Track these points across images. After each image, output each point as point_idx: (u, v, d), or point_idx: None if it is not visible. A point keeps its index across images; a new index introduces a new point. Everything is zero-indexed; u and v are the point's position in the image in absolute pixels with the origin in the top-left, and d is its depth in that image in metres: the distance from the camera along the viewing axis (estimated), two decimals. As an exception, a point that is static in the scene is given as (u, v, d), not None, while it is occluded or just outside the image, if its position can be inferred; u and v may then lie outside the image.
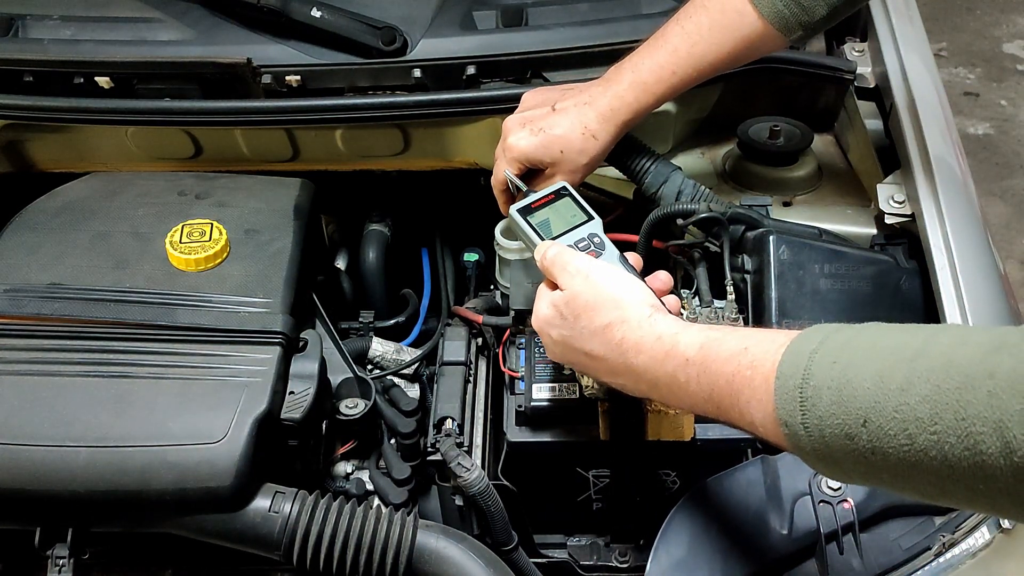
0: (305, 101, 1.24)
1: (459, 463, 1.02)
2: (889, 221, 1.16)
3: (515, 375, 1.06)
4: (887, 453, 0.60)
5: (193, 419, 0.93)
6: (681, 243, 1.13)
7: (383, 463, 1.13)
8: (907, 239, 1.15)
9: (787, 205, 1.27)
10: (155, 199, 1.19)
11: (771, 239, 1.07)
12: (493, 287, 1.27)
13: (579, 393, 1.00)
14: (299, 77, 1.26)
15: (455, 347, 1.17)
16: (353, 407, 1.10)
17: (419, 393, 1.26)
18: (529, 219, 0.97)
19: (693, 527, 0.94)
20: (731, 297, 1.07)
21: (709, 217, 1.08)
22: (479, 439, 1.12)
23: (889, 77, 1.29)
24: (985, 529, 0.90)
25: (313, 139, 1.30)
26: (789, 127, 1.31)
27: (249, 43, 1.26)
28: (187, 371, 0.97)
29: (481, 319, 1.18)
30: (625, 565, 1.11)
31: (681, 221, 1.10)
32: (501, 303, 1.23)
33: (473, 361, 1.20)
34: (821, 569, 0.91)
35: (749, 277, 1.10)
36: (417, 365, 1.28)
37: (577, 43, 1.26)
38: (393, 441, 1.13)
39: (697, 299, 1.08)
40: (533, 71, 1.28)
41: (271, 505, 0.93)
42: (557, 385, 1.02)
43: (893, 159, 1.23)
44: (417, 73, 1.26)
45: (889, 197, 1.17)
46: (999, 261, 1.09)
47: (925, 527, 0.93)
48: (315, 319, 1.19)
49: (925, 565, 0.91)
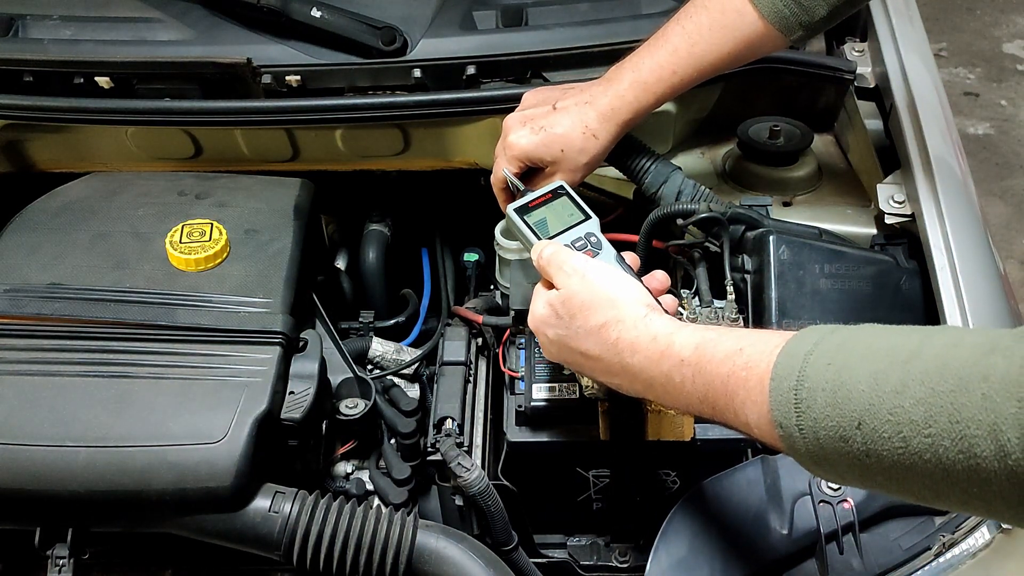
0: (305, 101, 1.24)
1: (459, 463, 1.02)
2: (889, 221, 1.16)
3: (515, 375, 1.06)
4: (881, 456, 0.60)
5: (193, 419, 0.93)
6: (681, 243, 1.13)
7: (383, 463, 1.13)
8: (907, 239, 1.15)
9: (787, 205, 1.27)
10: (155, 199, 1.19)
11: (771, 239, 1.07)
12: (493, 287, 1.27)
13: (579, 393, 1.00)
14: (299, 77, 1.26)
15: (455, 347, 1.17)
16: (353, 407, 1.10)
17: (419, 393, 1.26)
18: (526, 218, 0.97)
19: (693, 527, 0.94)
20: (731, 297, 1.07)
21: (709, 217, 1.08)
22: (479, 439, 1.12)
23: (889, 77, 1.29)
24: (985, 529, 0.90)
25: (313, 139, 1.30)
26: (789, 127, 1.31)
27: (249, 43, 1.26)
28: (187, 371, 0.97)
29: (481, 319, 1.18)
30: (625, 565, 1.11)
31: (681, 221, 1.10)
32: (501, 303, 1.23)
33: (473, 361, 1.20)
34: (821, 569, 0.91)
35: (749, 277, 1.10)
36: (417, 365, 1.28)
37: (577, 43, 1.26)
38: (393, 441, 1.13)
39: (697, 299, 1.08)
40: (533, 71, 1.28)
41: (271, 505, 0.93)
42: (557, 385, 1.02)
43: (893, 159, 1.23)
44: (417, 73, 1.26)
45: (889, 197, 1.17)
46: (999, 261, 1.09)
47: (925, 527, 0.93)
48: (315, 319, 1.19)
49: (925, 565, 0.91)
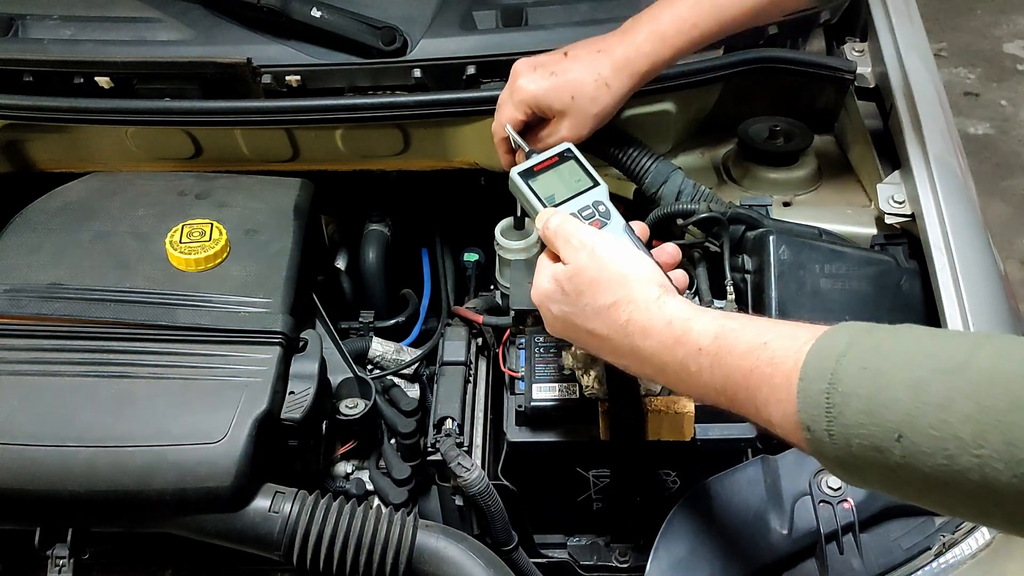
0: (305, 101, 1.24)
1: (459, 463, 1.02)
2: (889, 221, 1.16)
3: (515, 375, 1.06)
4: (921, 470, 0.57)
5: (193, 419, 0.93)
6: (681, 243, 1.13)
7: (383, 463, 1.13)
8: (907, 239, 1.15)
9: (787, 205, 1.27)
10: (155, 199, 1.19)
11: (771, 239, 1.07)
12: (493, 287, 1.27)
13: (579, 393, 1.00)
14: (299, 77, 1.26)
15: (455, 347, 1.17)
16: (353, 407, 1.10)
17: (419, 393, 1.26)
18: (531, 183, 0.92)
19: (693, 527, 0.94)
20: (731, 297, 1.07)
21: (709, 217, 1.08)
22: (479, 439, 1.12)
23: (889, 77, 1.28)
24: (985, 529, 0.90)
25: (313, 139, 1.30)
26: (789, 127, 1.31)
27: (249, 43, 1.26)
28: (187, 371, 0.97)
29: (481, 319, 1.18)
30: (625, 565, 1.10)
31: (681, 221, 1.10)
32: (501, 303, 1.23)
33: (473, 361, 1.20)
34: (821, 569, 0.91)
35: (749, 277, 1.10)
36: (417, 365, 1.28)
37: (577, 43, 1.26)
38: (393, 441, 1.13)
39: (697, 299, 1.08)
40: (533, 71, 1.28)
41: (271, 505, 0.93)
42: (557, 385, 1.02)
43: (893, 159, 1.23)
44: (417, 73, 1.26)
45: (889, 197, 1.17)
46: (999, 261, 1.09)
47: (925, 527, 0.93)
48: (315, 319, 1.19)
49: (925, 565, 0.91)
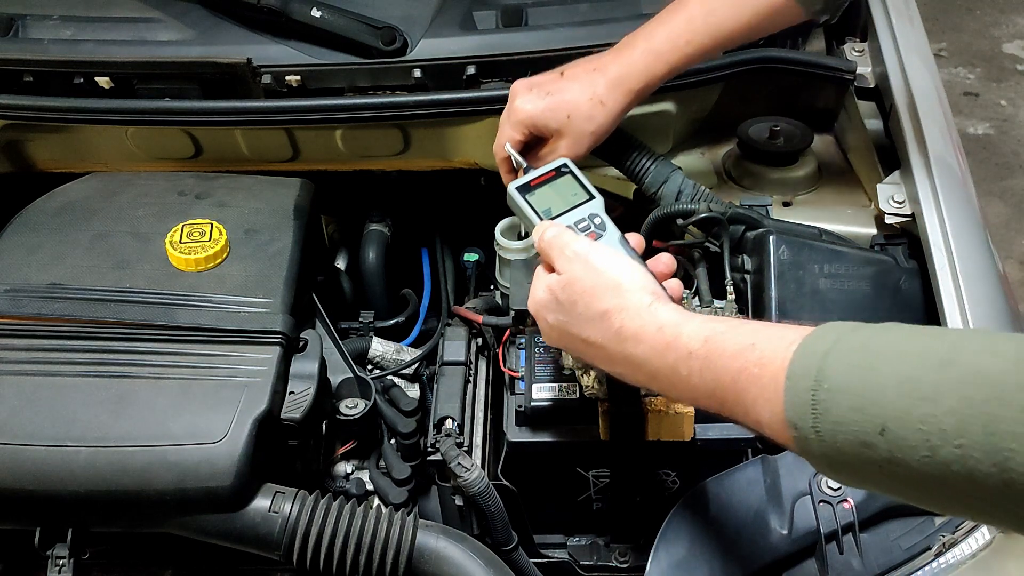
0: (305, 101, 1.24)
1: (459, 463, 1.02)
2: (889, 221, 1.16)
3: (515, 375, 1.06)
4: (905, 464, 0.57)
5: (193, 419, 0.93)
6: (681, 243, 1.13)
7: (383, 463, 1.13)
8: (907, 239, 1.15)
9: (787, 205, 1.27)
10: (155, 199, 1.19)
11: (771, 239, 1.07)
12: (493, 287, 1.27)
13: (579, 393, 1.00)
14: (299, 77, 1.26)
15: (455, 347, 1.17)
16: (353, 407, 1.10)
17: (419, 393, 1.26)
18: (528, 197, 0.94)
19: (693, 527, 0.94)
20: (731, 297, 1.07)
21: (709, 217, 1.08)
22: (479, 439, 1.12)
23: (889, 77, 1.28)
24: (985, 529, 0.90)
25: (313, 139, 1.30)
26: (789, 127, 1.31)
27: (249, 43, 1.26)
28: (187, 371, 0.97)
29: (481, 319, 1.18)
30: (625, 565, 1.11)
31: (681, 221, 1.10)
32: (501, 303, 1.23)
33: (473, 361, 1.19)
34: (821, 569, 0.91)
35: (749, 277, 1.10)
36: (417, 365, 1.28)
37: (577, 43, 1.25)
38: (393, 441, 1.13)
39: (697, 299, 1.08)
40: (533, 71, 1.27)
41: (271, 505, 0.93)
42: (557, 385, 1.02)
43: (893, 159, 1.23)
44: (417, 73, 1.26)
45: (889, 197, 1.17)
46: (999, 261, 1.09)
47: (925, 527, 0.92)
48: (315, 319, 1.19)
49: (925, 565, 0.90)
